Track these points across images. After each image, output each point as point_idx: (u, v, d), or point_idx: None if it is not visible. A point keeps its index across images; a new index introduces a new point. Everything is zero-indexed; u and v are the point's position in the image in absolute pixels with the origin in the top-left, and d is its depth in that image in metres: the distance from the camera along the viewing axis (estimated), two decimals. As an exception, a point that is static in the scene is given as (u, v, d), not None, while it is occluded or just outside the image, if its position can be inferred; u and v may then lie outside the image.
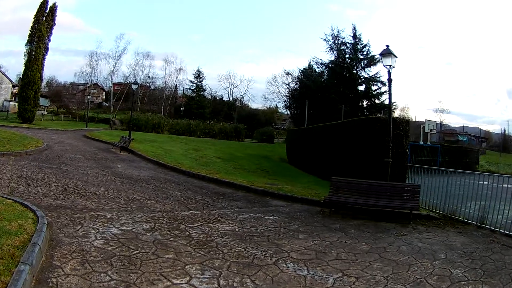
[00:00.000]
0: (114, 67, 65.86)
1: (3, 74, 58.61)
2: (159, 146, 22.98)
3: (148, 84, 72.73)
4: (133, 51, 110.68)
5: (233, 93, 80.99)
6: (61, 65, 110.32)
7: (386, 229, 7.75)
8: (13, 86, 58.85)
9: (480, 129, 77.53)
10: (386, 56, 10.85)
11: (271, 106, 78.38)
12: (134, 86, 28.93)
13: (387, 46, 10.91)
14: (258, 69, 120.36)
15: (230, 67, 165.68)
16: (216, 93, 78.02)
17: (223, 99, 78.66)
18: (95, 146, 23.15)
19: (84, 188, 9.99)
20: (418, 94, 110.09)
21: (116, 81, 69.60)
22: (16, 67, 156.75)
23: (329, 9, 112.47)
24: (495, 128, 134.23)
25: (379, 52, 11.23)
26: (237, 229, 7.16)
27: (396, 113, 46.09)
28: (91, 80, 67.18)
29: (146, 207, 8.60)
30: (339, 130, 15.23)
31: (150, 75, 72.44)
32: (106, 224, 6.72)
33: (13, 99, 55.77)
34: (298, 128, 26.73)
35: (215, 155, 21.75)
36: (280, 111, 79.89)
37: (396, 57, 10.77)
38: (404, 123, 11.92)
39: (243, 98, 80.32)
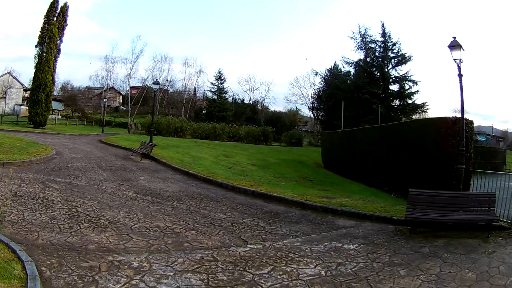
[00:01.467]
0: (131, 70, 63.66)
1: (14, 78, 57.15)
2: (185, 152, 20.48)
3: (166, 88, 70.79)
4: (151, 54, 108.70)
5: (254, 96, 78.60)
6: (76, 70, 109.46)
7: (474, 247, 6.87)
8: (25, 90, 56.95)
9: (505, 129, 74.76)
10: (455, 49, 9.69)
11: (292, 109, 75.88)
12: (155, 86, 26.24)
13: (454, 38, 9.80)
14: (275, 71, 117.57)
15: (249, 70, 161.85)
16: (238, 95, 75.52)
17: (244, 101, 76.07)
18: (112, 152, 20.82)
19: (99, 212, 7.52)
20: (436, 93, 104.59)
21: (134, 85, 67.81)
22: (29, 72, 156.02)
23: (335, 7, 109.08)
24: (509, 127, 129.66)
25: (448, 45, 9.74)
26: (323, 272, 5.28)
27: (424, 114, 43.51)
28: (107, 83, 65.33)
29: (186, 242, 6.19)
30: (395, 133, 14.19)
31: (169, 78, 70.43)
32: (133, 281, 4.50)
33: (25, 103, 53.91)
34: (337, 131, 24.64)
35: (248, 162, 19.30)
36: (300, 113, 77.35)
37: (464, 50, 9.73)
38: (470, 124, 10.95)
39: (264, 100, 77.59)
